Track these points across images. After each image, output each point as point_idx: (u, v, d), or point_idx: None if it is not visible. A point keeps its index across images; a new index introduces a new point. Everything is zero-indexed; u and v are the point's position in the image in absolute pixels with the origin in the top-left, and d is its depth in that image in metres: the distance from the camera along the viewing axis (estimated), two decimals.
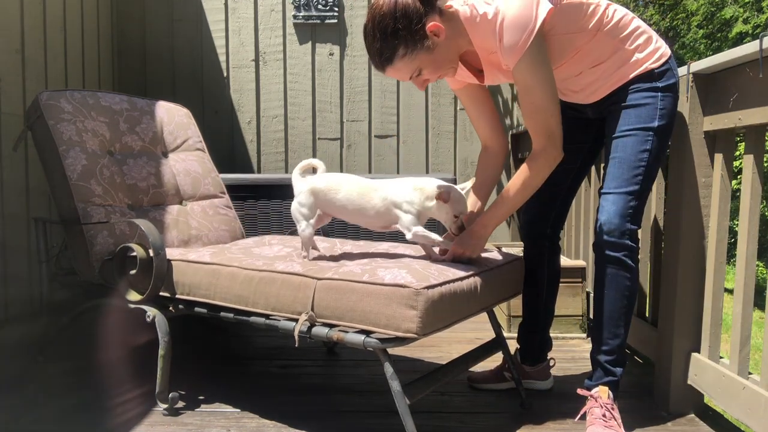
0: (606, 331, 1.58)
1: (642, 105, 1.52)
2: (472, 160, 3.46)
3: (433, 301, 1.32)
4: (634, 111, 1.53)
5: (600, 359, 1.59)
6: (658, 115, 1.52)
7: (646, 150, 1.51)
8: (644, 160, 1.51)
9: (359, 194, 1.57)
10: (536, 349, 1.86)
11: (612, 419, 1.51)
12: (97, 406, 1.75)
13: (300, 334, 1.42)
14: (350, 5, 3.42)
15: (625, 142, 1.53)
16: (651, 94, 1.52)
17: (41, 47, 2.53)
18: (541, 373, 1.86)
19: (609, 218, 1.52)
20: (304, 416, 1.68)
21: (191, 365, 2.10)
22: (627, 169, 1.52)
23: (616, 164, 1.54)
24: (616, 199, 1.52)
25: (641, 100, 1.53)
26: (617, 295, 1.56)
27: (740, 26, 7.91)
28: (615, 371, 1.58)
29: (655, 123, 1.51)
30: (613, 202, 1.52)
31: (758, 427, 1.37)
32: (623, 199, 1.51)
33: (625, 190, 1.51)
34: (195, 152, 2.37)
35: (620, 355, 1.59)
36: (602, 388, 1.57)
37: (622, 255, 1.53)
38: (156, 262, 1.68)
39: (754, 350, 1.87)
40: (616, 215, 1.51)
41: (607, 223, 1.52)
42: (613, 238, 1.52)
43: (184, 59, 3.46)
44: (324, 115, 3.47)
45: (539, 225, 1.78)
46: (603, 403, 1.54)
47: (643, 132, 1.51)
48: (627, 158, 1.52)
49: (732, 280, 1.66)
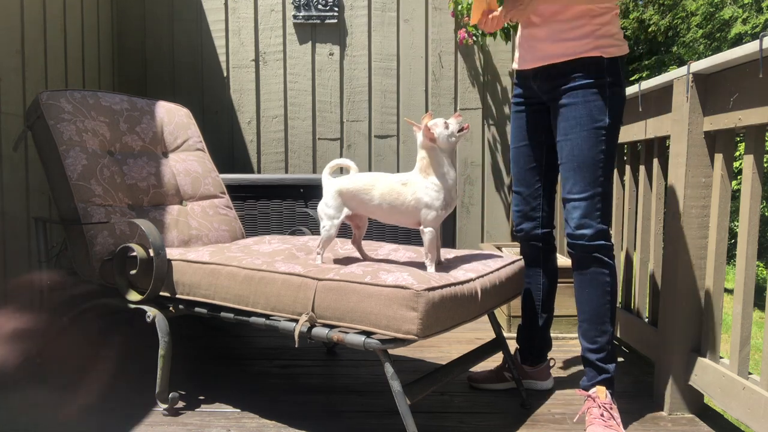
0: (593, 329, 1.60)
1: (590, 101, 1.53)
2: (473, 160, 3.46)
3: (434, 304, 1.32)
4: (583, 107, 1.54)
5: (591, 358, 1.61)
6: (608, 112, 1.53)
7: (601, 150, 1.54)
8: (601, 161, 1.54)
9: (391, 192, 1.57)
10: (536, 350, 1.86)
11: (611, 419, 1.52)
12: (97, 406, 1.74)
13: (300, 334, 1.42)
14: (350, 5, 3.42)
15: (579, 143, 1.55)
16: (597, 90, 1.53)
17: (41, 47, 2.53)
18: (542, 373, 1.86)
19: (579, 223, 1.56)
20: (304, 416, 1.68)
21: (191, 365, 2.10)
22: (587, 172, 1.54)
23: (574, 168, 1.56)
24: (582, 204, 1.55)
25: (587, 95, 1.54)
26: (599, 293, 1.59)
27: (739, 27, 7.91)
28: (607, 368, 1.59)
29: (606, 120, 1.53)
30: (579, 207, 1.56)
31: (758, 427, 1.38)
32: (589, 203, 1.55)
33: (589, 193, 1.55)
34: (195, 152, 2.37)
35: (610, 351, 1.60)
36: (600, 388, 1.58)
37: (598, 254, 1.56)
38: (156, 262, 1.68)
39: (754, 350, 1.87)
40: (586, 219, 1.55)
41: (578, 228, 1.56)
42: (586, 241, 1.56)
43: (184, 59, 3.46)
44: (324, 115, 3.47)
45: (528, 226, 1.79)
46: (601, 402, 1.55)
47: (595, 131, 1.53)
48: (584, 160, 1.54)
49: (732, 280, 1.66)
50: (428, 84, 3.45)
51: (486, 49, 3.42)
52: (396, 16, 3.43)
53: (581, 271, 1.60)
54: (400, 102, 3.46)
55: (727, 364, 1.56)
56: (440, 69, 3.44)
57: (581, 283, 1.61)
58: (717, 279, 1.63)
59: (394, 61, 3.45)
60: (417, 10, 3.43)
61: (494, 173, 3.47)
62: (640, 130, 2.02)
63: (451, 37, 3.42)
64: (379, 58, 3.45)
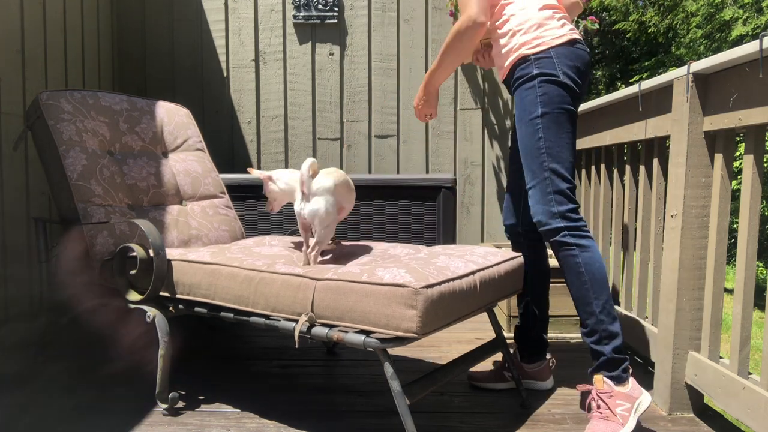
0: (582, 313, 1.61)
1: (523, 97, 1.63)
2: (473, 160, 3.46)
3: (433, 301, 1.32)
4: (520, 104, 1.65)
5: (586, 342, 1.61)
6: (539, 102, 1.60)
7: (539, 138, 1.60)
8: (542, 149, 1.60)
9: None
10: (534, 349, 1.86)
11: (607, 409, 1.50)
12: (97, 406, 1.74)
13: (300, 334, 1.42)
14: (350, 5, 3.42)
15: (522, 137, 1.65)
16: (527, 86, 1.62)
17: (41, 47, 2.53)
18: (541, 372, 1.86)
19: (536, 211, 1.62)
20: (304, 416, 1.68)
21: (191, 365, 2.10)
22: (531, 161, 1.62)
23: (523, 161, 1.66)
24: (534, 192, 1.62)
25: (522, 93, 1.64)
26: (573, 275, 1.59)
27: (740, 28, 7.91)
28: (602, 350, 1.56)
29: (539, 110, 1.60)
30: (533, 195, 1.63)
31: (758, 427, 1.38)
32: (539, 189, 1.61)
33: (537, 180, 1.61)
34: (195, 152, 2.37)
35: (603, 332, 1.57)
36: (597, 377, 1.57)
37: (561, 237, 1.59)
38: (156, 262, 1.68)
39: (754, 350, 1.86)
40: (540, 204, 1.61)
41: (535, 215, 1.62)
42: (545, 227, 1.60)
43: (184, 59, 3.46)
44: (324, 115, 3.47)
45: (513, 225, 1.85)
46: (597, 393, 1.54)
47: (531, 122, 1.62)
48: (529, 151, 1.63)
49: (732, 280, 1.66)
50: None
51: None
52: (396, 16, 3.43)
53: (557, 259, 1.63)
54: (400, 102, 3.46)
55: (727, 364, 1.55)
56: None
57: (562, 271, 1.63)
58: (717, 279, 1.63)
59: (394, 61, 3.45)
60: (417, 10, 3.43)
61: (494, 173, 3.47)
62: (640, 130, 2.02)
63: None
64: (379, 58, 3.45)
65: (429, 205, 2.80)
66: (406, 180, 2.83)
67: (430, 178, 2.81)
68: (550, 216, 1.59)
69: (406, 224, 2.82)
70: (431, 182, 2.79)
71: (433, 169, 3.48)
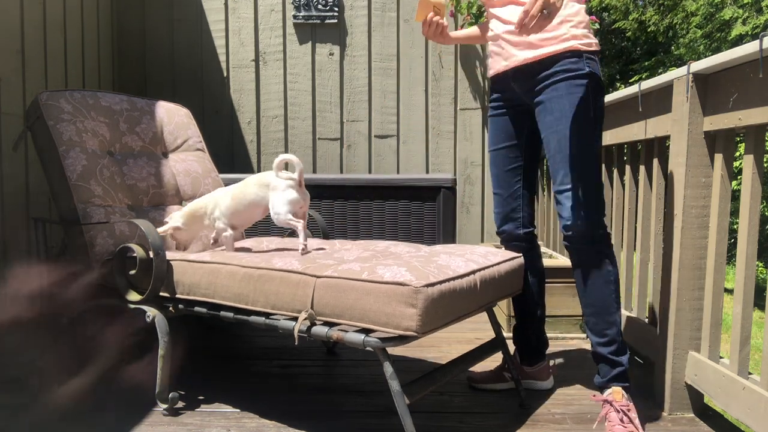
0: (601, 322, 1.59)
1: (572, 92, 1.55)
2: (473, 160, 3.46)
3: (433, 299, 1.32)
4: (566, 98, 1.55)
5: (602, 352, 1.59)
6: (592, 104, 1.55)
7: (588, 140, 1.56)
8: (589, 151, 1.56)
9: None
10: (533, 349, 1.86)
11: (629, 422, 1.50)
12: (97, 406, 1.74)
13: (300, 333, 1.42)
14: (350, 5, 3.42)
15: (567, 136, 1.56)
16: (579, 82, 1.54)
17: (41, 47, 2.53)
18: (541, 373, 1.86)
19: (576, 215, 1.56)
20: (304, 416, 1.68)
21: (191, 365, 2.10)
22: (576, 163, 1.55)
23: (563, 160, 1.56)
24: (575, 195, 1.56)
25: (570, 88, 1.55)
26: (602, 283, 1.58)
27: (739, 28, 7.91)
28: (621, 360, 1.58)
29: (591, 113, 1.55)
30: (573, 199, 1.56)
31: (758, 427, 1.37)
32: (581, 193, 1.55)
33: (580, 184, 1.55)
34: (195, 152, 2.37)
35: (621, 342, 1.59)
36: (616, 389, 1.57)
37: (598, 245, 1.57)
38: (156, 262, 1.68)
39: (754, 350, 1.86)
40: (580, 210, 1.55)
41: (575, 219, 1.56)
42: (583, 233, 1.56)
43: (184, 59, 3.46)
44: (324, 115, 3.47)
45: (509, 227, 1.80)
46: (619, 406, 1.53)
47: (585, 123, 1.55)
48: (572, 153, 1.55)
49: (732, 280, 1.66)
50: (428, 84, 3.45)
51: (486, 48, 3.42)
52: (396, 16, 3.43)
53: (582, 264, 1.60)
54: (400, 102, 3.46)
55: (727, 364, 1.55)
56: (440, 69, 3.44)
57: (584, 276, 1.60)
58: (717, 279, 1.63)
59: (394, 61, 3.45)
60: None
61: None
62: (640, 130, 2.02)
63: None
64: (379, 58, 3.45)
65: (429, 205, 2.80)
66: (406, 180, 2.82)
67: (430, 178, 2.81)
68: (594, 224, 1.55)
69: (406, 224, 2.82)
70: (431, 182, 2.79)
71: (433, 169, 3.48)
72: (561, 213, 1.59)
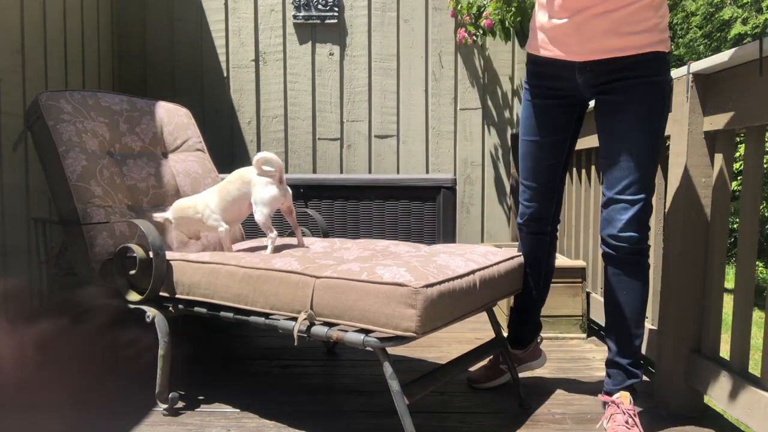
0: (627, 334, 1.58)
1: (653, 100, 1.46)
2: (473, 160, 3.46)
3: (432, 300, 1.32)
4: (646, 106, 1.46)
5: (621, 362, 1.58)
6: (665, 110, 1.49)
7: (658, 151, 1.50)
8: (655, 164, 1.51)
9: None
10: (528, 333, 1.87)
11: (635, 426, 1.50)
12: (97, 406, 1.74)
13: (299, 333, 1.42)
14: (350, 5, 3.42)
15: (638, 145, 1.47)
16: (661, 89, 1.46)
17: (41, 47, 2.53)
18: (532, 353, 1.88)
19: (628, 226, 1.49)
20: (304, 416, 1.68)
21: (191, 365, 2.10)
22: (643, 173, 1.47)
23: (629, 169, 1.48)
24: (633, 207, 1.49)
25: (653, 93, 1.46)
26: (637, 296, 1.56)
27: (739, 28, 7.91)
28: (638, 373, 1.59)
29: (664, 119, 1.50)
30: (631, 210, 1.49)
31: (758, 427, 1.37)
32: (642, 205, 1.49)
33: (642, 196, 1.48)
34: (195, 153, 2.37)
35: (640, 355, 1.60)
36: (624, 393, 1.57)
37: (641, 258, 1.54)
38: (155, 262, 1.68)
39: (754, 350, 1.86)
40: (636, 221, 1.49)
41: (626, 230, 1.49)
42: (634, 244, 1.51)
43: (184, 59, 3.46)
44: (324, 115, 3.47)
45: (541, 223, 1.77)
46: (625, 408, 1.53)
47: (653, 132, 1.48)
48: (641, 163, 1.47)
49: (732, 280, 1.66)
50: (428, 84, 3.46)
51: (486, 49, 3.42)
52: (396, 16, 3.43)
53: (622, 274, 1.55)
54: (400, 102, 3.46)
55: (727, 364, 1.55)
56: (440, 69, 3.44)
57: (620, 285, 1.56)
58: (717, 279, 1.63)
59: (394, 61, 3.45)
60: (417, 10, 3.43)
61: (494, 173, 3.47)
62: None
63: (451, 37, 3.42)
64: (379, 58, 3.45)
65: (429, 205, 2.80)
66: (406, 180, 2.83)
67: (430, 178, 2.81)
68: (642, 236, 1.51)
69: (406, 224, 2.82)
70: (431, 182, 2.79)
71: (433, 169, 3.48)
72: (611, 220, 1.52)
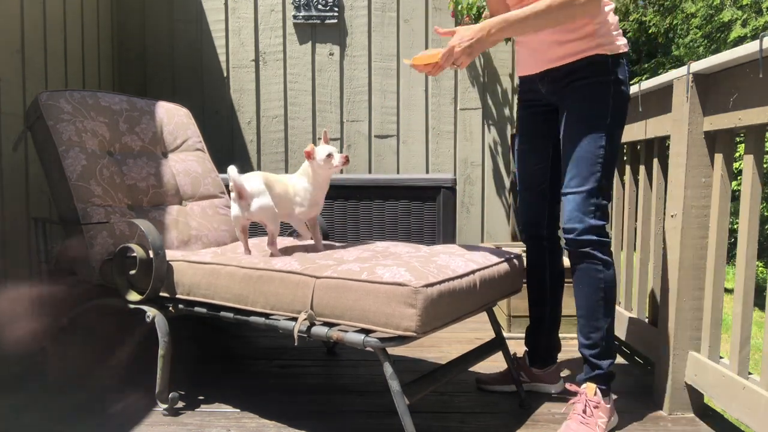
0: (587, 325, 1.60)
1: (588, 95, 1.54)
2: (473, 160, 3.46)
3: (432, 300, 1.32)
4: (582, 101, 1.55)
5: (585, 353, 1.61)
6: (611, 109, 1.54)
7: (601, 146, 1.54)
8: (600, 158, 1.54)
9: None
10: (543, 352, 1.85)
11: (591, 416, 1.52)
12: (97, 406, 1.74)
13: (299, 333, 1.42)
14: (350, 5, 3.42)
15: (580, 141, 1.55)
16: (602, 89, 1.53)
17: (41, 47, 2.53)
18: (551, 376, 1.85)
19: (571, 217, 1.56)
20: (304, 416, 1.68)
21: (191, 365, 2.10)
22: (584, 167, 1.54)
23: (573, 163, 1.56)
24: (576, 198, 1.55)
25: (588, 90, 1.54)
26: (591, 289, 1.58)
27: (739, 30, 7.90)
28: (600, 364, 1.59)
29: (608, 118, 1.54)
30: (573, 201, 1.56)
31: (758, 427, 1.37)
32: (583, 197, 1.54)
33: (585, 188, 1.54)
34: (195, 152, 2.37)
35: (605, 347, 1.59)
36: (589, 384, 1.58)
37: (590, 249, 1.56)
38: (155, 262, 1.68)
39: (754, 350, 1.86)
40: (578, 213, 1.55)
41: (570, 221, 1.56)
42: (576, 236, 1.56)
43: (184, 59, 3.46)
44: (324, 115, 3.47)
45: (536, 227, 1.78)
46: (587, 399, 1.56)
47: (596, 126, 1.53)
48: (584, 155, 1.54)
49: (732, 280, 1.66)
50: (428, 84, 3.46)
51: None
52: (396, 16, 3.43)
53: (575, 266, 1.61)
54: (400, 102, 3.46)
55: (727, 364, 1.55)
56: None
57: (576, 278, 1.61)
58: (717, 279, 1.63)
59: (394, 61, 3.45)
60: (417, 10, 3.43)
61: (494, 173, 3.47)
62: (640, 130, 2.02)
63: None
64: (379, 58, 3.45)
65: (429, 205, 2.80)
66: (406, 180, 2.82)
67: (430, 178, 2.81)
68: (585, 227, 1.55)
69: (406, 224, 2.82)
70: (431, 182, 2.79)
71: (433, 169, 3.48)
72: (562, 213, 1.61)
